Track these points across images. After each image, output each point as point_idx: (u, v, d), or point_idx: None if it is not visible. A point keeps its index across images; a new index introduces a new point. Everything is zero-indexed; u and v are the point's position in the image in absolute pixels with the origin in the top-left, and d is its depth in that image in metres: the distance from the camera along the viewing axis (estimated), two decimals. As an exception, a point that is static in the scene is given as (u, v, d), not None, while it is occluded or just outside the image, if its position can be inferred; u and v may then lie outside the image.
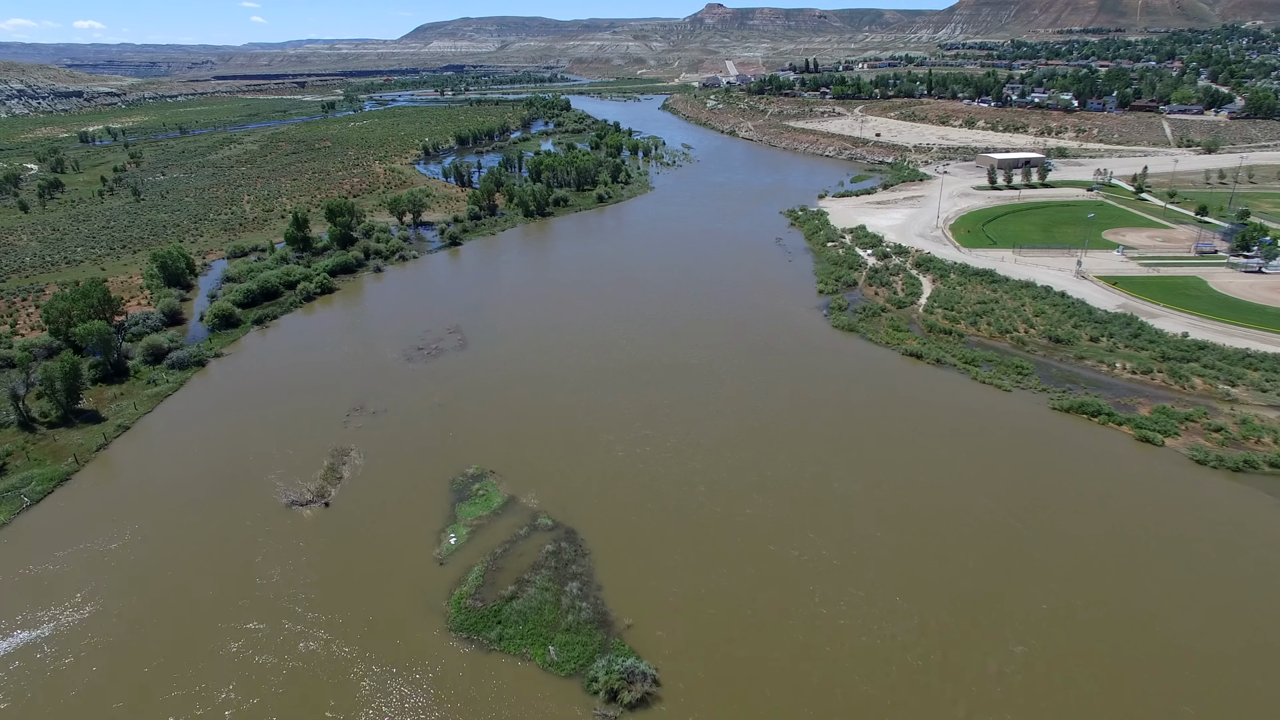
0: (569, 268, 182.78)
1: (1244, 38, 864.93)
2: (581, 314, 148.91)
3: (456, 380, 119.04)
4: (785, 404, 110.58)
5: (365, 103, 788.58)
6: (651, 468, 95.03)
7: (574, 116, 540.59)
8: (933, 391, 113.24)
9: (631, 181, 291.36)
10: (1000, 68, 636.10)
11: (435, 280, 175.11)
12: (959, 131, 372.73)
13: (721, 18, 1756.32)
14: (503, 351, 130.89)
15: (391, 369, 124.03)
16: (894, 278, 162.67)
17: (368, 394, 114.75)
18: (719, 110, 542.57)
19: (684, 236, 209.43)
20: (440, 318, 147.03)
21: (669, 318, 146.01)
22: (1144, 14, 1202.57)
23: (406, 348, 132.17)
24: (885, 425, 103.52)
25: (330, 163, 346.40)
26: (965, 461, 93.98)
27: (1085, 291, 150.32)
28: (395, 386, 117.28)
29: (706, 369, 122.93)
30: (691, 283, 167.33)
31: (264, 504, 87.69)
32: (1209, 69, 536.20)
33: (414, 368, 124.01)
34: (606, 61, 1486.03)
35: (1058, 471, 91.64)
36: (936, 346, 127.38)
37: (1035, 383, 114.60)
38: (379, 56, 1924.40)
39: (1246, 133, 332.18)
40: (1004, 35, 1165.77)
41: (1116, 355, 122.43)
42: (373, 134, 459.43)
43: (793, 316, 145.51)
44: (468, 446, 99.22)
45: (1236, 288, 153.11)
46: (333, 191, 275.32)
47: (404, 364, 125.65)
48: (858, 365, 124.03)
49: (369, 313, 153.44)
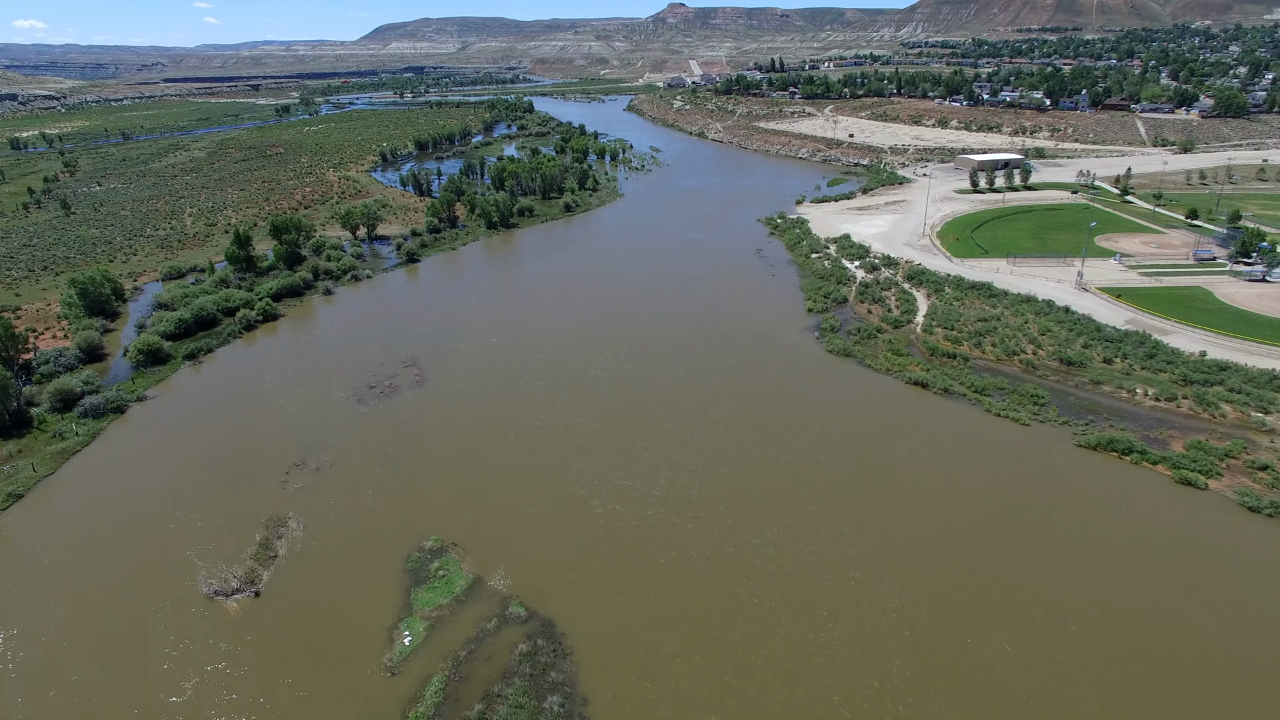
0: (536, 286, 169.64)
1: (1195, 37, 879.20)
2: (550, 340, 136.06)
3: (412, 426, 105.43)
4: (781, 445, 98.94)
5: (321, 106, 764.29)
6: (635, 529, 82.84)
7: (538, 119, 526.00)
8: (944, 428, 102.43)
9: (600, 188, 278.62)
10: (966, 66, 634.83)
11: (391, 303, 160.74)
12: (933, 131, 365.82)
13: (684, 17, 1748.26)
14: (464, 388, 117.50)
15: (339, 412, 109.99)
16: (886, 293, 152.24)
17: (311, 444, 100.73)
18: (686, 111, 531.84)
19: (658, 249, 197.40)
20: (395, 348, 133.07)
21: (646, 342, 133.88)
22: (1099, 13, 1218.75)
23: (357, 386, 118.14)
24: (895, 472, 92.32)
25: (281, 171, 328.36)
26: (990, 518, 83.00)
27: (1089, 305, 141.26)
28: (343, 434, 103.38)
29: (690, 403, 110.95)
30: (668, 301, 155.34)
31: (180, 593, 73.63)
32: (1169, 67, 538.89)
33: (365, 411, 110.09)
34: (569, 62, 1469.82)
35: (1096, 526, 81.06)
36: (941, 373, 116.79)
37: (1054, 414, 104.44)
38: (337, 58, 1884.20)
39: (1218, 131, 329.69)
40: (964, 33, 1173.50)
41: (1135, 379, 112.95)
42: (328, 139, 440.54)
43: (782, 339, 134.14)
44: (425, 511, 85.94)
45: (1244, 298, 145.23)
46: (282, 203, 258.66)
47: (354, 406, 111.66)
48: (858, 397, 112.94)
49: (316, 343, 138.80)
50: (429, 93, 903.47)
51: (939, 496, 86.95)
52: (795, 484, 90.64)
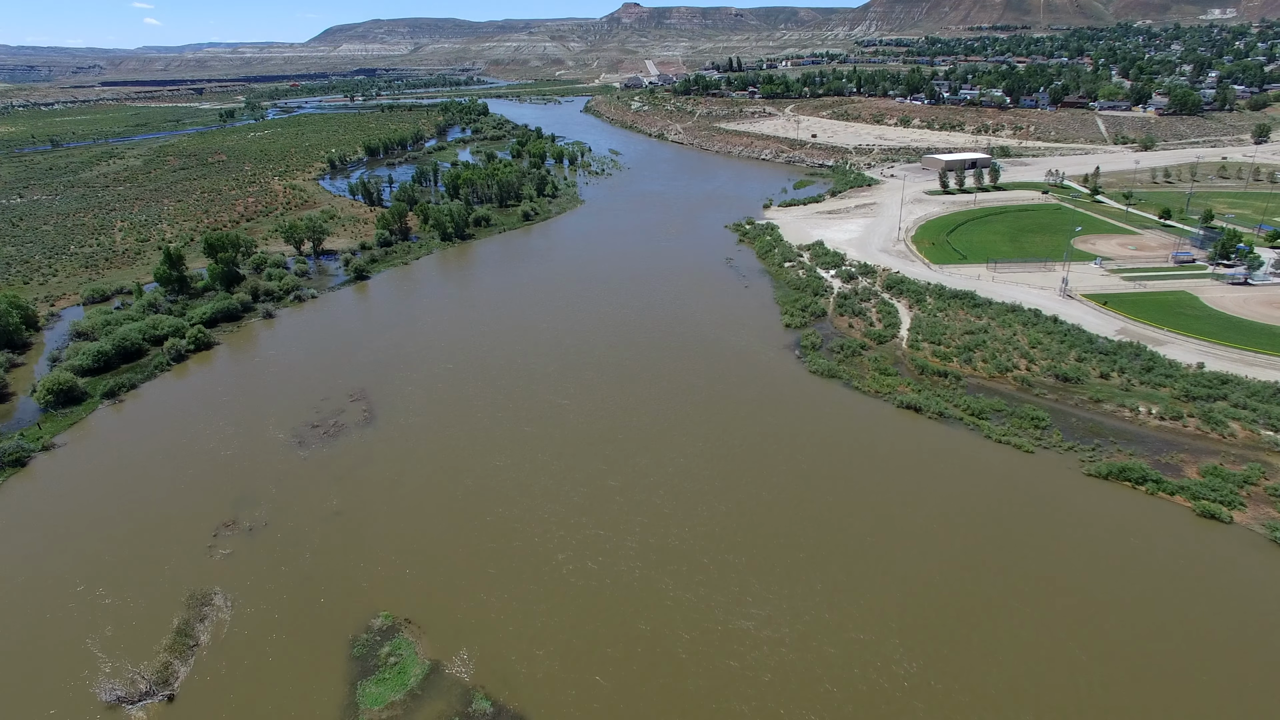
0: (494, 304, 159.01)
1: (1138, 35, 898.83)
2: (509, 365, 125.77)
3: (359, 473, 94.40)
4: (765, 481, 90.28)
5: (268, 110, 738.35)
6: (610, 589, 73.47)
7: (493, 121, 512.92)
8: (943, 458, 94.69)
9: (559, 194, 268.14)
10: (922, 64, 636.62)
11: (337, 326, 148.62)
12: (896, 131, 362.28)
13: (639, 17, 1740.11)
14: (416, 424, 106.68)
15: (278, 458, 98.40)
16: (865, 304, 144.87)
17: (245, 499, 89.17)
18: (645, 112, 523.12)
19: (623, 259, 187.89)
20: (342, 378, 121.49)
21: (613, 365, 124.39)
22: (1046, 12, 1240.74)
23: (298, 425, 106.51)
24: (892, 511, 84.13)
25: (223, 180, 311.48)
26: (1000, 563, 75.11)
27: (1076, 314, 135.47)
28: (281, 485, 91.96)
29: (663, 434, 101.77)
30: (636, 318, 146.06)
31: (71, 700, 62.12)
32: (1119, 65, 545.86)
33: (306, 456, 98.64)
34: (524, 63, 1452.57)
35: (1116, 569, 73.70)
36: (934, 395, 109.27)
37: (1058, 438, 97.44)
38: (285, 61, 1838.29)
39: (1176, 129, 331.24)
40: (918, 32, 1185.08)
41: (1135, 396, 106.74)
42: (274, 145, 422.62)
43: (760, 359, 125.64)
44: (373, 579, 75.29)
45: (1230, 303, 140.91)
46: (223, 215, 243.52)
47: (294, 450, 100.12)
48: (846, 424, 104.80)
49: (255, 375, 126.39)
50: (380, 96, 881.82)
51: (942, 541, 78.93)
52: (783, 527, 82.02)
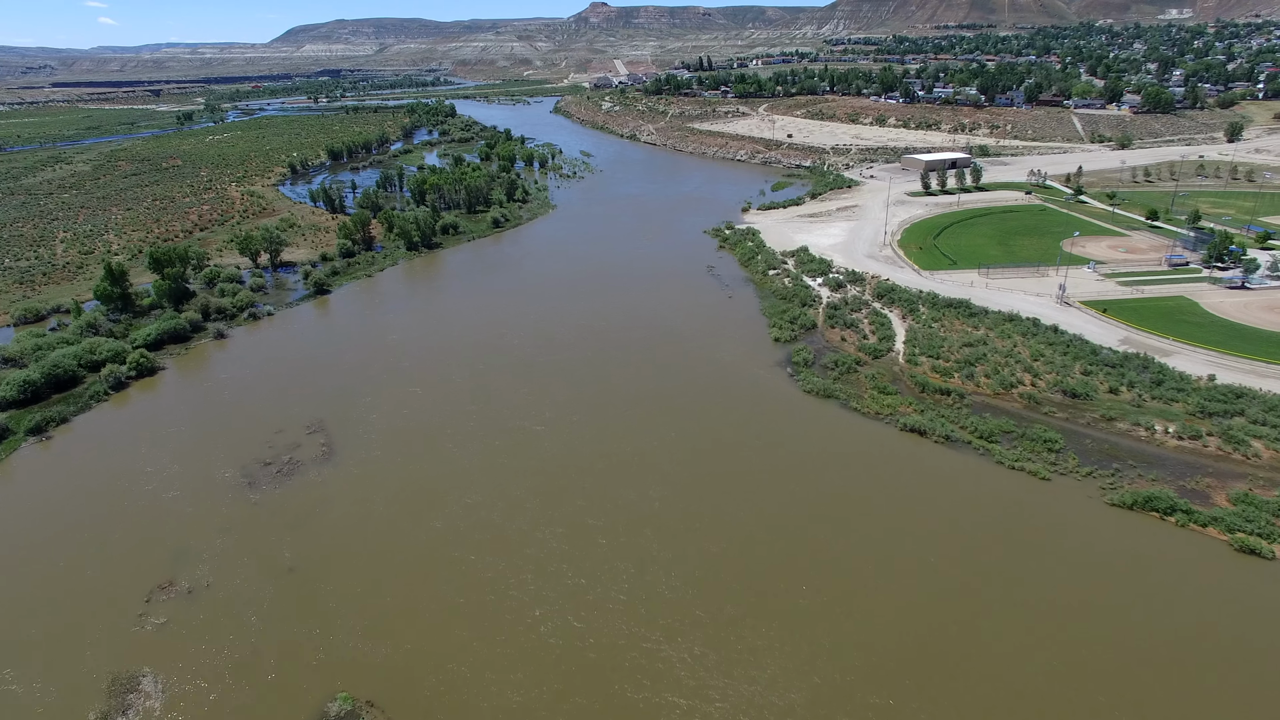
0: (462, 319, 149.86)
1: (1101, 34, 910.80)
2: (480, 386, 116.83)
3: (317, 520, 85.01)
4: (761, 517, 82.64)
5: (228, 112, 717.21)
6: (596, 654, 65.31)
7: (460, 123, 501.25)
8: (953, 488, 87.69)
9: (530, 199, 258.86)
10: (893, 62, 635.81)
11: (295, 347, 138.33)
12: (872, 130, 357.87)
13: (606, 16, 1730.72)
14: (379, 459, 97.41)
15: (225, 502, 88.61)
16: (857, 315, 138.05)
17: (185, 553, 79.43)
18: (616, 113, 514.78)
19: (599, 268, 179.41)
20: (299, 406, 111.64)
21: (591, 386, 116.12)
22: (1011, 11, 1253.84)
23: (249, 462, 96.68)
24: (900, 551, 76.73)
25: (177, 186, 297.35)
26: (1023, 611, 67.98)
27: (1077, 323, 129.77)
28: (228, 535, 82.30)
29: (648, 464, 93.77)
30: (614, 332, 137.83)
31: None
32: (1086, 64, 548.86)
33: (257, 499, 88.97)
34: (491, 63, 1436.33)
35: (1153, 615, 67.05)
36: (938, 415, 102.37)
37: (1074, 462, 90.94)
38: (247, 61, 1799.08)
39: (1150, 127, 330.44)
40: (885, 30, 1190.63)
41: (1148, 413, 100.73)
42: (233, 149, 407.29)
43: (749, 377, 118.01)
44: (330, 650, 66.21)
45: (1231, 309, 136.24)
46: (175, 225, 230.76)
47: (243, 492, 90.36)
48: (846, 450, 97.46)
49: (203, 405, 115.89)
50: (345, 97, 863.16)
51: (958, 585, 71.75)
52: (782, 570, 74.55)
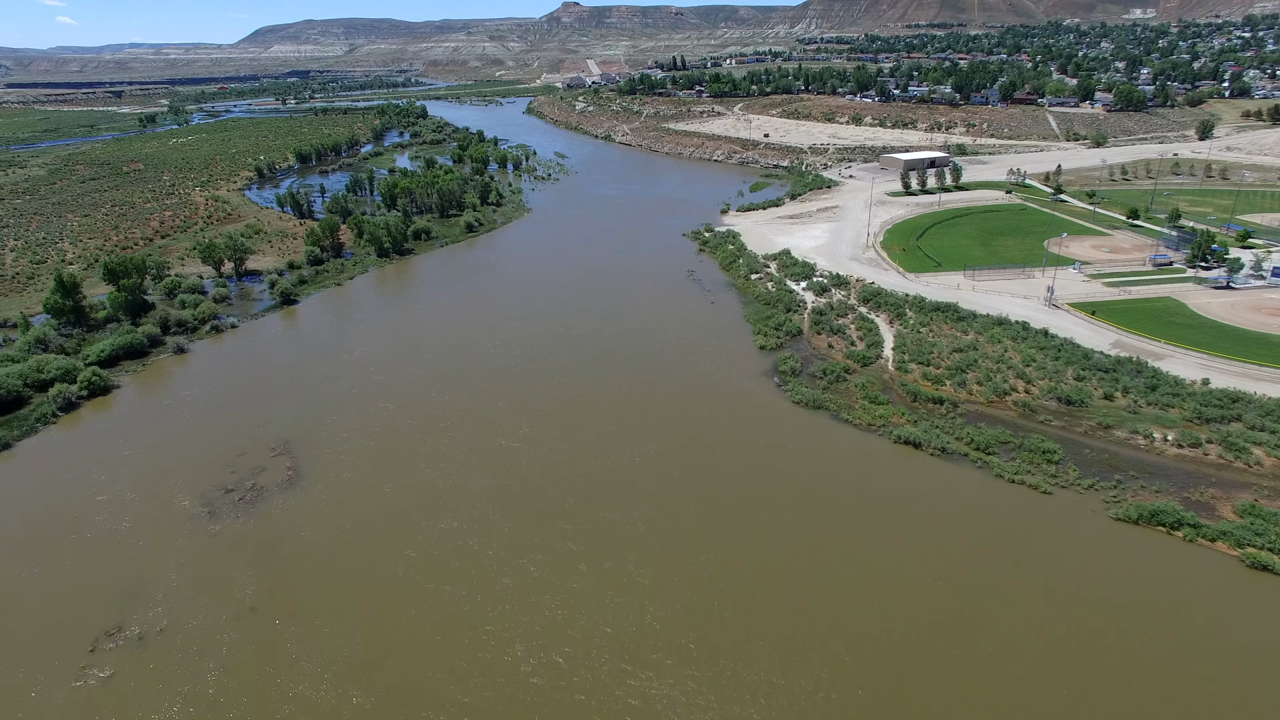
0: (437, 329, 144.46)
1: (1069, 33, 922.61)
2: (456, 403, 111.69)
3: (282, 552, 79.51)
4: (754, 541, 78.58)
5: (193, 114, 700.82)
6: (583, 696, 60.89)
7: (432, 124, 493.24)
8: (952, 505, 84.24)
9: (504, 202, 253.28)
10: (866, 61, 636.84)
11: (260, 361, 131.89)
12: (848, 129, 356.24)
13: (579, 16, 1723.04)
14: (350, 482, 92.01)
15: (182, 535, 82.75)
16: (843, 320, 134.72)
17: (137, 593, 73.64)
18: (590, 113, 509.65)
19: (575, 273, 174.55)
20: (263, 426, 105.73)
21: (571, 398, 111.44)
22: (980, 10, 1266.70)
23: (209, 489, 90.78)
24: (902, 570, 73.09)
25: (138, 191, 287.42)
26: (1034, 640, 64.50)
27: (1067, 326, 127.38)
28: (185, 571, 76.59)
29: (632, 484, 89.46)
30: (593, 341, 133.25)
31: None
32: (1056, 62, 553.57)
33: (217, 530, 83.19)
34: (463, 64, 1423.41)
35: (1168, 641, 63.95)
36: (932, 426, 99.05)
37: (1074, 474, 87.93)
38: (213, 62, 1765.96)
39: (1124, 125, 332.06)
40: (857, 29, 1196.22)
41: (1145, 419, 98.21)
42: (197, 152, 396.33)
43: (736, 388, 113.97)
44: (295, 706, 61.01)
45: (1219, 309, 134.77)
46: (135, 232, 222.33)
47: (203, 523, 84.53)
48: (840, 466, 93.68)
49: (160, 426, 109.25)
50: (314, 98, 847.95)
51: (964, 607, 68.23)
52: (776, 595, 70.76)
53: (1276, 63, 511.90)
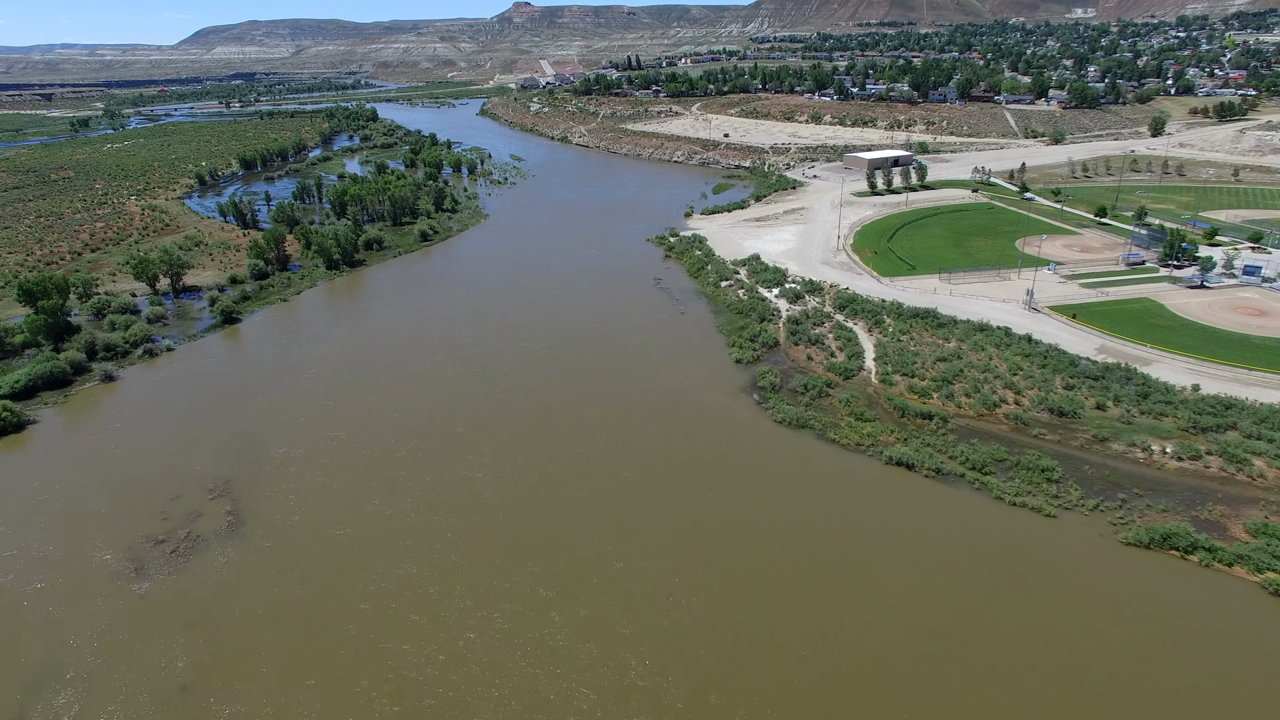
0: (390, 348, 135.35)
1: (1016, 32, 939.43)
2: (411, 429, 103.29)
3: (220, 614, 70.55)
4: (739, 580, 72.19)
5: (131, 118, 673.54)
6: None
7: (383, 128, 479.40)
8: (952, 533, 78.78)
9: (460, 208, 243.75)
10: (821, 59, 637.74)
11: (198, 388, 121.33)
12: (809, 128, 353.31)
13: (530, 16, 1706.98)
14: (297, 528, 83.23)
15: (104, 597, 73.25)
16: (820, 329, 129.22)
17: (47, 673, 64.23)
18: (545, 114, 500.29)
19: (537, 283, 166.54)
20: (200, 465, 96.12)
21: (534, 424, 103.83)
22: (929, 9, 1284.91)
23: (137, 541, 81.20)
24: (902, 608, 67.34)
25: (67, 201, 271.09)
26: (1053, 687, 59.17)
27: (1048, 330, 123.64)
28: (103, 644, 67.29)
29: (604, 515, 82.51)
30: (558, 357, 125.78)
31: None
32: (1007, 60, 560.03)
33: (144, 591, 73.85)
34: (414, 65, 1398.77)
35: (1195, 677, 59.08)
36: (924, 445, 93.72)
37: (1076, 494, 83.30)
38: (152, 64, 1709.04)
39: (1080, 122, 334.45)
40: (809, 28, 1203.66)
41: (1140, 430, 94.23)
42: (133, 159, 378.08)
43: (714, 407, 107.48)
44: (231, 805, 52.74)
45: (1197, 309, 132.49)
46: (61, 245, 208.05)
47: (127, 581, 75.07)
48: (829, 492, 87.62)
49: (83, 466, 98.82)
50: (260, 101, 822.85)
51: (973, 654, 62.61)
52: (767, 641, 64.24)
53: (1213, 61, 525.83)
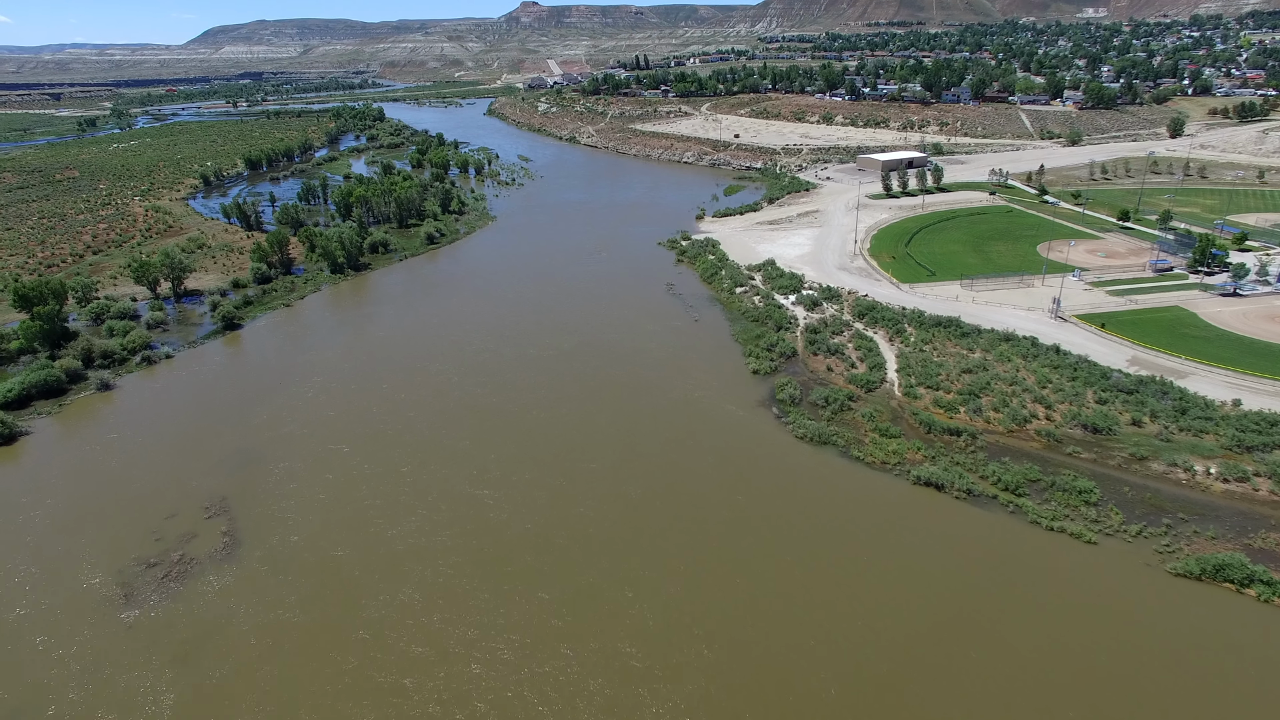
0: (395, 356, 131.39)
1: (1026, 32, 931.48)
2: (417, 443, 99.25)
3: (212, 646, 66.53)
4: (763, 612, 67.82)
5: (138, 118, 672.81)
6: None
7: (389, 127, 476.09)
8: (989, 561, 74.31)
9: (467, 210, 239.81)
10: (830, 59, 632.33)
11: (197, 399, 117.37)
12: (820, 129, 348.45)
13: (538, 16, 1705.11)
14: (296, 550, 79.27)
15: (89, 624, 69.37)
16: (839, 338, 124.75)
17: (26, 709, 60.36)
18: (553, 114, 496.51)
19: (546, 288, 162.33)
20: (196, 481, 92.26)
21: (543, 437, 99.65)
22: (939, 8, 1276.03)
23: (128, 564, 77.32)
24: (939, 652, 62.91)
25: (70, 201, 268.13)
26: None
27: (1077, 341, 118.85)
28: (86, 680, 63.38)
29: (618, 538, 78.26)
30: (568, 367, 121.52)
31: None
32: (1018, 60, 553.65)
33: (133, 619, 69.89)
34: (421, 64, 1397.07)
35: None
36: (953, 463, 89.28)
37: (1118, 519, 78.69)
38: (161, 64, 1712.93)
39: (1096, 123, 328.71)
40: (817, 28, 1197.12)
41: (1181, 449, 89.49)
42: (139, 159, 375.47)
43: (731, 421, 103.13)
44: None
45: (1231, 319, 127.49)
46: (64, 247, 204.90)
47: (115, 608, 71.14)
48: (855, 515, 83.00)
49: (74, 482, 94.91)
50: (267, 101, 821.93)
51: (1017, 702, 58.14)
52: (797, 684, 59.71)
53: (1229, 61, 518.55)
